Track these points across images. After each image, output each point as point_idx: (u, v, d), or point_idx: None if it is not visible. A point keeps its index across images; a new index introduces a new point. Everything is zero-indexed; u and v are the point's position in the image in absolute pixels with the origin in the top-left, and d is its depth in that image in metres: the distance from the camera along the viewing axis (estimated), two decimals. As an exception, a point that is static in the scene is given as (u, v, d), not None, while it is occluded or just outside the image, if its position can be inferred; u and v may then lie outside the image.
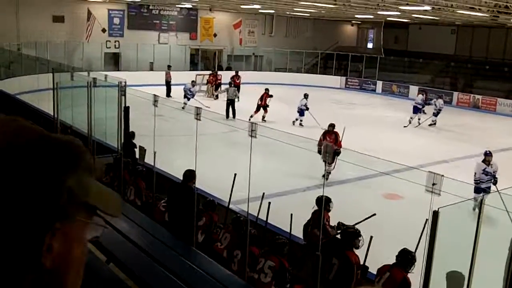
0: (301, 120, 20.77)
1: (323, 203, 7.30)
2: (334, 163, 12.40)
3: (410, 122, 22.02)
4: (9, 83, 22.23)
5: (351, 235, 6.64)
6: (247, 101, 24.36)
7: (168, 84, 26.74)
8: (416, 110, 22.35)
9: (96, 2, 29.76)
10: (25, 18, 27.23)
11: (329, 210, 7.68)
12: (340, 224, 7.31)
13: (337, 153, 11.85)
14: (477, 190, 10.58)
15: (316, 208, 7.77)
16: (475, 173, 11.44)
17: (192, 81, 24.10)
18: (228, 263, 6.97)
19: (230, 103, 21.52)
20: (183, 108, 18.43)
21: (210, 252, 7.18)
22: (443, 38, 35.44)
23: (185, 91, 22.79)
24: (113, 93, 10.46)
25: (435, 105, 22.34)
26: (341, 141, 13.26)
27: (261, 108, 21.28)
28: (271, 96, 21.50)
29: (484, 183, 11.36)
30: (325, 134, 13.33)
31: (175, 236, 7.40)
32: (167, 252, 6.76)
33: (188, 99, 22.02)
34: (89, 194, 0.84)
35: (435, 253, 4.95)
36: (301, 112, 20.83)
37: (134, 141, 11.04)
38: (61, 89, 12.08)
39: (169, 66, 28.31)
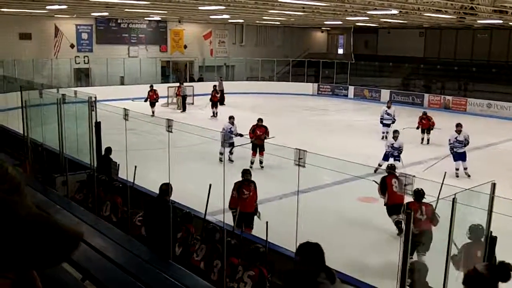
0: (386, 132, 19.68)
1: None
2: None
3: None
4: (-23, 103, 21.87)
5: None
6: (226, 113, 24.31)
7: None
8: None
9: (63, 18, 29.41)
10: (-9, 37, 26.86)
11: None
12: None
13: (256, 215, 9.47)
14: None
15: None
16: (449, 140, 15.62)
17: (230, 117, 16.47)
18: (207, 274, 6.91)
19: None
20: (229, 159, 14.87)
21: (188, 264, 7.11)
22: (411, 41, 35.96)
23: (224, 136, 14.82)
24: (83, 109, 10.38)
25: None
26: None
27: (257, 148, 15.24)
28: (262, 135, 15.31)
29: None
30: (241, 185, 9.38)
31: (152, 250, 7.31)
32: (144, 267, 6.66)
33: (232, 144, 15.21)
34: None
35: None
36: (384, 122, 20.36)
37: (110, 156, 10.93)
38: (30, 107, 11.93)
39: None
